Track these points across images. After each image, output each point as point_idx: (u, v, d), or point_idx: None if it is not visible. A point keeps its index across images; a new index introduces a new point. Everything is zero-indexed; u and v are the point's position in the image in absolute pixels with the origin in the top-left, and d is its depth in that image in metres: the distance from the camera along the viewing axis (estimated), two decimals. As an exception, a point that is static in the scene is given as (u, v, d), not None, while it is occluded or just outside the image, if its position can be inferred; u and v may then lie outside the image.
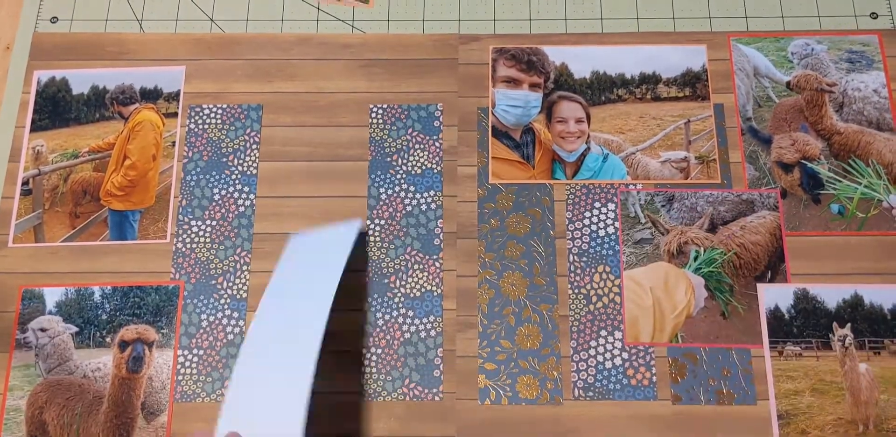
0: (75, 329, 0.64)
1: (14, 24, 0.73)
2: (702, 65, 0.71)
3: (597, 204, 0.67)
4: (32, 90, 0.71)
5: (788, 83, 0.70)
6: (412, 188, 0.68)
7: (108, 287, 0.65)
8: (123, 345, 0.63)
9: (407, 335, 0.64)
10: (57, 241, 0.67)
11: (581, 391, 0.62)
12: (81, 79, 0.72)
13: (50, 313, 0.65)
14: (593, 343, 0.63)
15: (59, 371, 0.63)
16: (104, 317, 0.64)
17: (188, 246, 0.66)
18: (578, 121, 0.69)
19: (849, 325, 0.63)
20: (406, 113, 0.70)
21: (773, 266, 0.65)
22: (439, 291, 0.65)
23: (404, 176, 0.68)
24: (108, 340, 0.64)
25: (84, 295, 0.65)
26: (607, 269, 0.65)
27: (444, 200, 0.67)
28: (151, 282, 0.65)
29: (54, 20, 0.73)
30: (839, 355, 0.62)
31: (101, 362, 0.63)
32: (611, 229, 0.66)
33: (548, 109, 0.70)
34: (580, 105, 0.70)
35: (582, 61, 0.71)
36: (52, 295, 0.65)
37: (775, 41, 0.72)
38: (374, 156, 0.69)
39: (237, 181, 0.68)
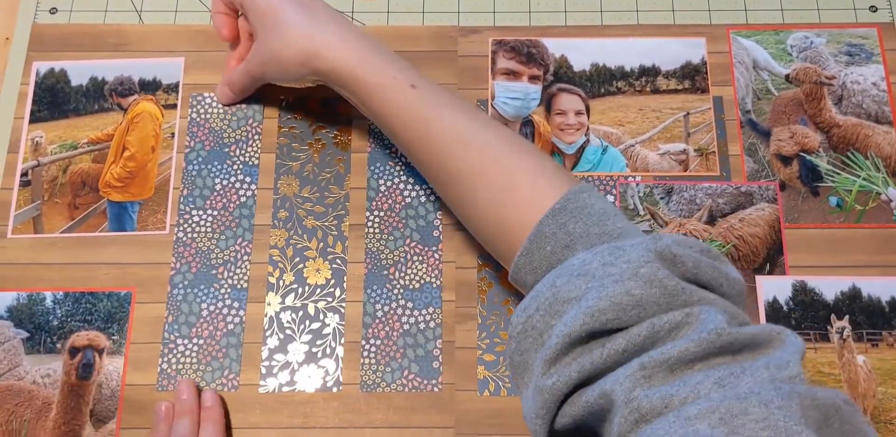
0: (26, 335, 0.64)
1: (13, 15, 0.73)
2: (701, 57, 0.71)
3: (596, 196, 0.67)
4: (31, 81, 0.71)
5: (787, 76, 0.70)
6: (411, 180, 0.68)
7: (60, 293, 0.65)
8: (74, 351, 0.63)
9: (406, 327, 0.64)
10: (56, 232, 0.67)
11: (580, 383, 0.62)
12: (80, 70, 0.72)
13: (0, 318, 0.64)
14: (592, 335, 0.63)
15: (9, 377, 0.62)
16: (55, 323, 0.64)
17: (189, 236, 0.66)
18: (578, 113, 0.70)
19: (847, 317, 0.63)
20: (405, 105, 0.70)
21: (771, 259, 0.65)
22: (438, 282, 0.65)
23: (403, 168, 0.68)
24: (58, 346, 0.63)
25: (35, 300, 0.64)
26: (606, 261, 0.65)
27: (444, 192, 0.67)
28: (104, 288, 0.65)
29: (53, 11, 0.73)
30: (837, 347, 0.62)
31: (50, 369, 0.63)
32: (610, 221, 0.66)
33: (547, 102, 0.70)
34: (579, 97, 0.70)
35: (581, 54, 0.71)
36: (3, 300, 0.65)
37: (774, 34, 0.72)
38: (373, 148, 0.69)
39: (239, 172, 0.68)
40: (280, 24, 0.59)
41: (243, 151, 0.68)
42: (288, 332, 0.64)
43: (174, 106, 0.70)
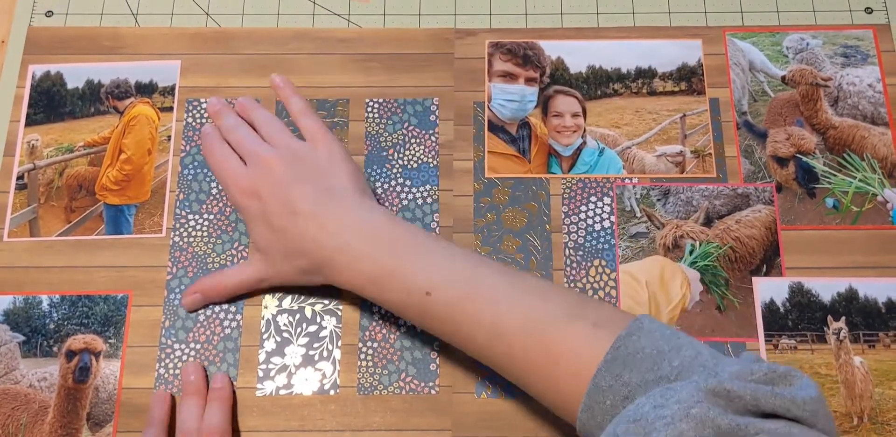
0: (22, 338, 0.63)
1: (9, 18, 0.73)
2: (697, 59, 0.71)
3: (593, 198, 0.67)
4: (27, 84, 0.71)
5: (784, 78, 0.70)
6: (408, 182, 0.68)
7: (57, 296, 0.65)
8: (70, 355, 0.63)
9: (404, 329, 0.64)
10: (52, 235, 0.67)
11: (577, 385, 0.62)
12: (76, 73, 0.72)
13: None
14: (589, 337, 0.63)
15: (5, 381, 0.62)
16: (52, 326, 0.64)
17: (185, 240, 0.66)
18: (574, 115, 0.70)
19: (843, 318, 0.63)
20: (402, 108, 0.70)
21: (768, 260, 0.65)
22: (436, 285, 0.65)
23: (400, 170, 0.68)
24: (55, 349, 0.63)
25: (32, 304, 0.64)
26: (603, 263, 0.65)
27: (441, 195, 0.67)
28: (101, 292, 0.65)
29: (49, 14, 0.73)
30: (834, 348, 0.63)
31: (47, 372, 0.62)
32: (606, 223, 0.66)
33: (544, 104, 0.70)
34: (576, 99, 0.70)
35: (578, 56, 0.71)
36: (0, 304, 0.65)
37: (770, 36, 0.72)
38: (370, 150, 0.69)
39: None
40: (273, 236, 0.58)
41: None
42: (285, 335, 0.64)
43: (170, 109, 0.70)
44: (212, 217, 0.67)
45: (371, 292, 0.56)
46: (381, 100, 0.70)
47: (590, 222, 0.66)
